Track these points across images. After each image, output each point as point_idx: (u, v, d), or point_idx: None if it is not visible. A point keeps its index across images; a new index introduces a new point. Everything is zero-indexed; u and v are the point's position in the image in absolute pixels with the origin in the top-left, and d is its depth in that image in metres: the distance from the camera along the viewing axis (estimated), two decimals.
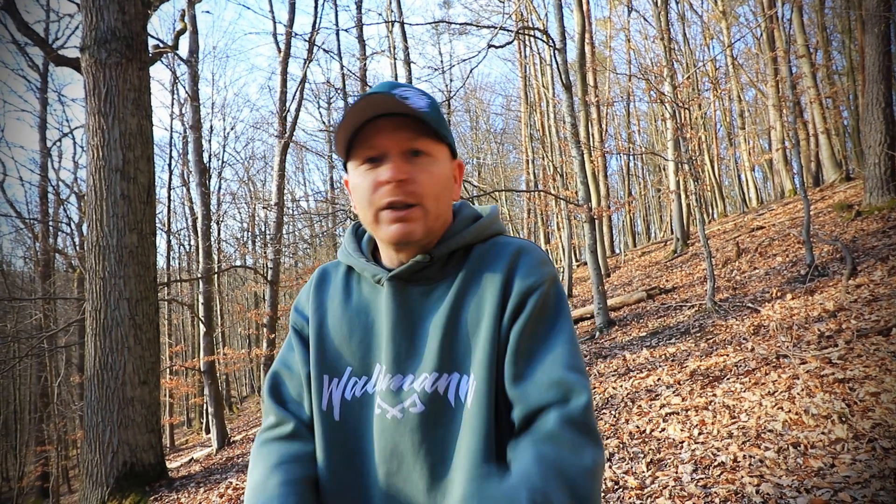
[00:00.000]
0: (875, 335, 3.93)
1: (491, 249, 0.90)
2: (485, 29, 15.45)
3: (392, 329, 0.86)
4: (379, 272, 0.90)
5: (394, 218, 0.84)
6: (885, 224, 7.07)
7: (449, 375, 0.83)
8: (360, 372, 0.89)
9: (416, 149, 0.85)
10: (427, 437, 0.82)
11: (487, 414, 0.79)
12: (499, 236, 0.94)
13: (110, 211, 5.37)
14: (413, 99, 0.85)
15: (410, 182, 0.83)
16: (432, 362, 0.83)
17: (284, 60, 10.03)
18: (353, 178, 0.88)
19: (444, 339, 0.84)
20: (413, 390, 0.83)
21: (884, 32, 7.79)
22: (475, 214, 0.96)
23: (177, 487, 5.56)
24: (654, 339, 6.36)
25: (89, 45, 5.46)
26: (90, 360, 5.32)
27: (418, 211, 0.84)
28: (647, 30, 19.40)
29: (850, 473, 2.52)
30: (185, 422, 23.12)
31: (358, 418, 0.87)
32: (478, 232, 0.91)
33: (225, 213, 22.18)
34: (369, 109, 0.81)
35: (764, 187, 24.60)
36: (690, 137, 10.06)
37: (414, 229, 0.84)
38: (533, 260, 0.87)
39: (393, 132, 0.84)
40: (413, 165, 0.84)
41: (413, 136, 0.84)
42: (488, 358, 0.81)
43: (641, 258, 15.94)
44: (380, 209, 0.85)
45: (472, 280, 0.87)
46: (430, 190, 0.85)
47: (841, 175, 13.19)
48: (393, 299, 0.88)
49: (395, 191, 0.83)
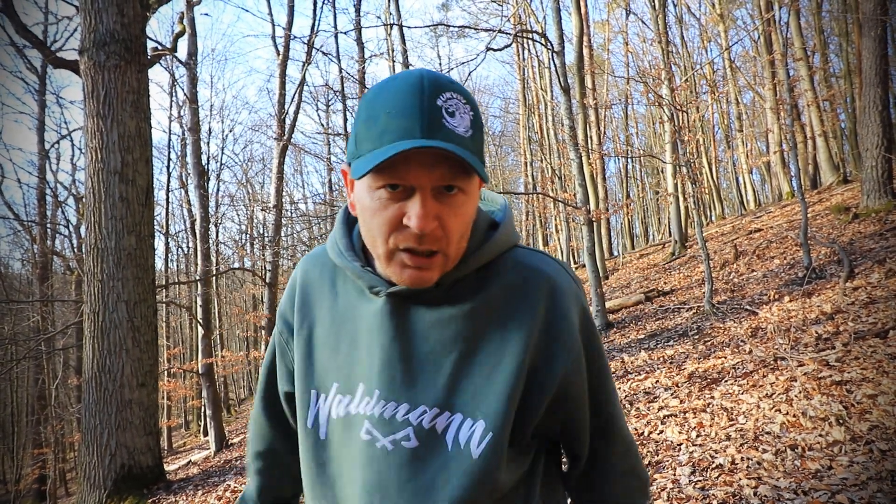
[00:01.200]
0: (872, 337, 3.94)
1: (515, 273, 0.79)
2: (483, 32, 15.48)
3: (387, 350, 0.77)
4: (378, 285, 0.79)
5: (412, 264, 0.72)
6: (882, 226, 7.09)
7: (451, 415, 0.75)
8: (344, 389, 0.81)
9: (450, 185, 0.70)
10: (416, 476, 0.74)
11: (497, 468, 0.74)
12: (515, 250, 0.82)
13: (108, 213, 5.36)
14: (459, 116, 0.70)
15: (438, 228, 0.70)
16: (434, 397, 0.75)
17: (283, 63, 10.04)
18: (365, 198, 0.73)
19: (452, 374, 0.75)
20: (408, 422, 0.75)
21: (881, 36, 7.82)
22: (489, 222, 0.84)
23: (175, 490, 5.55)
24: (652, 341, 6.37)
25: (88, 47, 5.47)
26: (88, 363, 5.31)
27: (439, 259, 0.73)
28: (645, 33, 19.44)
29: (848, 475, 2.52)
30: (184, 424, 23.07)
31: (342, 440, 0.80)
32: (494, 249, 0.80)
33: (223, 216, 22.20)
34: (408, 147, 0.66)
35: (762, 190, 24.68)
36: (688, 140, 10.08)
37: (431, 277, 0.74)
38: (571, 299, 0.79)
39: (430, 166, 0.68)
40: (443, 206, 0.70)
41: (451, 174, 0.70)
42: (507, 409, 0.74)
43: (639, 260, 15.96)
44: (396, 249, 0.72)
45: (493, 311, 0.77)
46: (457, 234, 0.73)
47: (838, 177, 13.23)
48: (391, 318, 0.78)
49: (421, 239, 0.70)
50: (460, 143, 0.69)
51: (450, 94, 0.70)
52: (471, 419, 0.74)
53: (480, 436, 0.73)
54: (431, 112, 0.68)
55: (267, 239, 12.05)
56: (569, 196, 9.94)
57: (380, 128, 0.69)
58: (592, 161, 14.10)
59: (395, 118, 0.68)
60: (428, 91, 0.69)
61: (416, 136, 0.67)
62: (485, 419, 0.74)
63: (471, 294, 0.78)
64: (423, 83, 0.69)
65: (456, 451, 0.74)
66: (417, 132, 0.67)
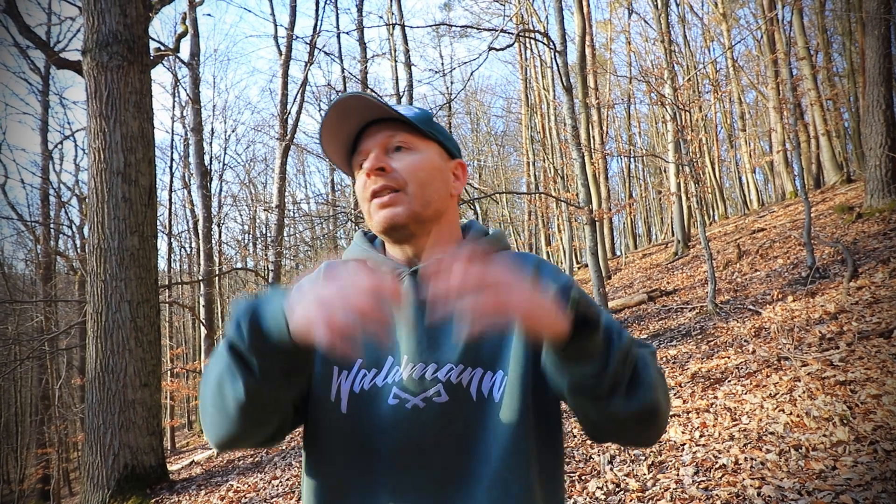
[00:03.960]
0: (876, 337, 3.93)
1: (510, 257, 0.94)
2: (485, 31, 15.47)
3: (412, 321, 0.87)
4: (400, 268, 0.90)
5: (379, 204, 0.87)
6: (886, 226, 7.06)
7: (473, 370, 0.84)
8: (369, 365, 0.88)
9: (396, 144, 0.88)
10: (449, 428, 0.82)
11: (523, 409, 0.82)
12: (507, 251, 0.98)
13: (111, 213, 5.38)
14: (403, 109, 0.90)
15: (389, 170, 0.87)
16: (456, 355, 0.84)
17: (285, 63, 10.05)
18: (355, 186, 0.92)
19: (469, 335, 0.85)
20: (437, 380, 0.83)
21: (884, 34, 7.79)
22: (484, 230, 0.99)
23: (178, 490, 5.56)
24: (655, 341, 6.36)
25: (91, 48, 5.48)
26: (91, 363, 5.32)
27: (401, 196, 0.86)
28: (648, 32, 19.42)
29: (852, 476, 2.51)
30: (186, 424, 23.10)
31: (366, 411, 0.86)
32: (488, 245, 0.95)
33: (226, 216, 22.21)
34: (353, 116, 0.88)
35: (765, 189, 24.61)
36: (691, 139, 10.06)
37: (397, 212, 0.86)
38: (555, 269, 0.93)
39: (376, 134, 0.89)
40: (392, 158, 0.88)
41: (393, 133, 0.88)
42: (524, 356, 0.83)
43: (642, 260, 15.94)
44: (368, 202, 0.88)
45: None
46: (412, 175, 0.87)
47: (842, 177, 13.19)
48: (413, 294, 0.88)
49: (376, 179, 0.86)
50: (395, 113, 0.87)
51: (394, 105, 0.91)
52: (490, 371, 0.84)
53: (500, 383, 0.83)
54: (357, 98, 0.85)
55: (269, 239, 12.08)
56: (571, 196, 9.94)
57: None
58: (595, 161, 14.09)
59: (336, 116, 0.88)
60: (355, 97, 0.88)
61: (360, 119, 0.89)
62: (502, 369, 0.84)
63: None
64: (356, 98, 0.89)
65: (480, 399, 0.83)
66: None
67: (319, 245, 22.52)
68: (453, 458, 0.82)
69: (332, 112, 0.86)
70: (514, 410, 0.82)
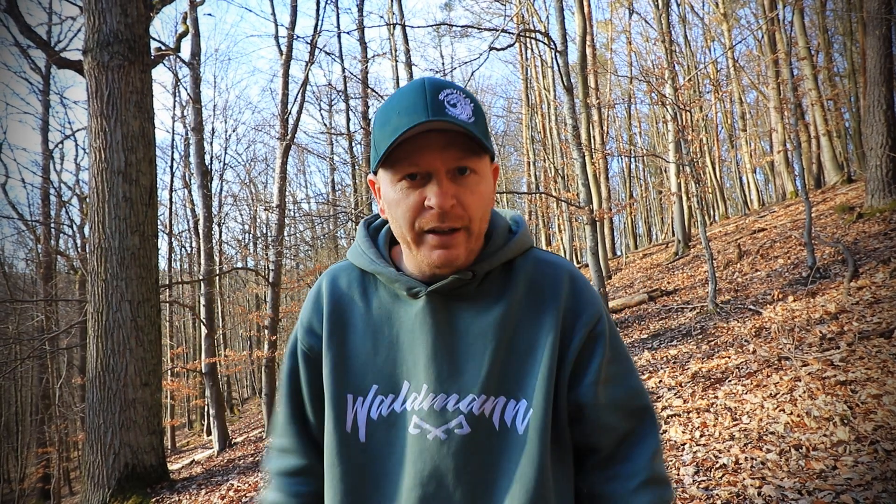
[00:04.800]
0: (877, 337, 3.93)
1: (538, 269, 0.87)
2: (486, 31, 15.48)
3: (433, 346, 0.82)
4: (416, 286, 0.84)
5: (438, 244, 0.79)
6: (886, 226, 7.06)
7: (496, 399, 0.81)
8: (386, 390, 0.84)
9: (463, 168, 0.79)
10: (472, 460, 0.80)
11: (545, 442, 0.79)
12: (533, 250, 0.91)
13: (112, 213, 5.38)
14: (460, 107, 0.78)
15: (457, 206, 0.78)
16: (480, 384, 0.80)
17: (286, 63, 10.05)
18: (389, 192, 0.81)
19: (493, 361, 0.81)
20: (459, 411, 0.80)
21: (885, 34, 7.78)
22: (507, 226, 0.92)
23: (178, 489, 5.56)
24: (655, 341, 6.36)
25: (92, 47, 5.48)
26: (92, 362, 5.33)
27: (462, 235, 0.79)
28: (649, 32, 19.43)
29: (852, 476, 2.51)
30: (187, 424, 23.12)
31: (385, 439, 0.83)
32: (517, 247, 0.88)
33: (226, 215, 22.21)
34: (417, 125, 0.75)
35: (765, 189, 24.61)
36: (692, 139, 10.06)
37: (458, 255, 0.80)
38: (586, 286, 0.88)
39: (441, 150, 0.77)
40: (460, 186, 0.78)
41: (461, 155, 0.78)
42: (548, 386, 0.80)
43: (643, 260, 15.93)
44: (423, 232, 0.79)
45: (524, 301, 0.85)
46: (477, 212, 0.80)
47: (842, 177, 13.17)
48: (432, 315, 0.83)
49: (443, 216, 0.77)
50: (466, 127, 0.76)
51: (449, 90, 0.79)
52: (514, 400, 0.81)
53: (524, 413, 0.80)
54: (435, 104, 0.76)
55: (270, 238, 12.08)
56: (572, 196, 9.93)
57: (391, 126, 0.77)
58: (595, 160, 14.08)
59: (403, 114, 0.76)
60: (429, 89, 0.78)
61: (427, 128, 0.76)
62: (526, 399, 0.81)
63: (500, 287, 0.86)
64: (425, 85, 0.79)
65: (503, 430, 0.81)
66: (423, 118, 0.75)
67: (320, 245, 22.52)
68: (479, 488, 0.80)
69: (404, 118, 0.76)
70: (538, 442, 0.79)
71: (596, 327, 0.85)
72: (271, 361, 9.43)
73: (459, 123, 0.75)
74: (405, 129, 0.74)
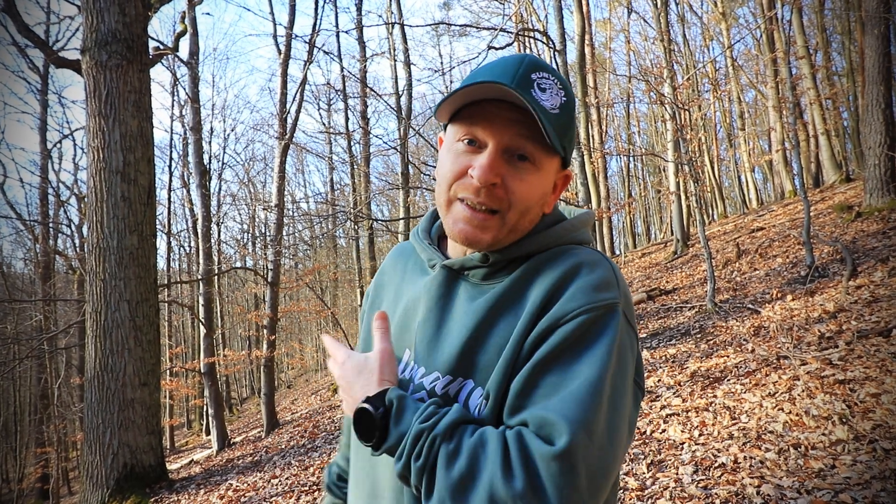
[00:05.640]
0: (875, 336, 3.93)
1: (549, 260, 0.78)
2: (485, 31, 15.48)
3: (423, 317, 0.82)
4: (434, 258, 0.86)
5: (466, 217, 0.76)
6: (885, 225, 7.07)
7: (463, 381, 0.76)
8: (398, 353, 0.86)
9: (522, 152, 0.75)
10: None
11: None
12: (578, 246, 0.81)
13: (111, 213, 5.37)
14: (549, 93, 0.74)
15: (500, 187, 0.74)
16: (448, 364, 0.77)
17: (284, 62, 10.04)
18: (446, 147, 0.80)
19: (467, 344, 0.76)
20: (422, 386, 0.78)
21: (883, 34, 7.79)
22: (556, 219, 0.85)
23: (177, 489, 5.56)
24: (654, 340, 6.36)
25: (90, 47, 5.47)
26: (90, 362, 5.32)
27: (496, 220, 0.76)
28: (647, 31, 19.41)
29: (851, 474, 2.51)
30: (186, 423, 23.10)
31: None
32: (548, 240, 0.81)
33: (225, 215, 22.22)
34: (494, 92, 0.72)
35: (764, 188, 24.62)
36: (690, 139, 10.07)
37: (482, 238, 0.76)
38: (589, 281, 0.73)
39: (506, 125, 0.74)
40: (511, 168, 0.75)
41: (526, 137, 0.74)
42: (503, 379, 0.73)
43: (642, 259, 15.93)
44: (456, 198, 0.77)
45: (516, 290, 0.78)
46: (520, 202, 0.75)
47: (841, 176, 13.19)
48: (437, 288, 0.83)
49: (480, 191, 0.74)
50: (543, 113, 0.72)
51: (546, 74, 0.76)
52: (480, 388, 0.75)
53: (483, 402, 0.74)
54: (524, 79, 0.73)
55: (269, 238, 12.08)
56: (571, 195, 9.92)
57: (475, 77, 0.74)
58: (594, 160, 14.09)
59: (489, 75, 0.73)
60: (527, 64, 0.75)
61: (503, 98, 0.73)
62: (489, 388, 0.74)
63: (509, 274, 0.80)
64: (525, 59, 0.76)
65: None
66: (504, 84, 0.71)
67: (318, 244, 22.52)
68: None
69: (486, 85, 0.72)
70: None
71: (563, 324, 0.70)
72: (270, 361, 9.43)
73: (535, 106, 0.71)
74: (478, 82, 0.71)
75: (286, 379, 26.06)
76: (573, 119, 0.79)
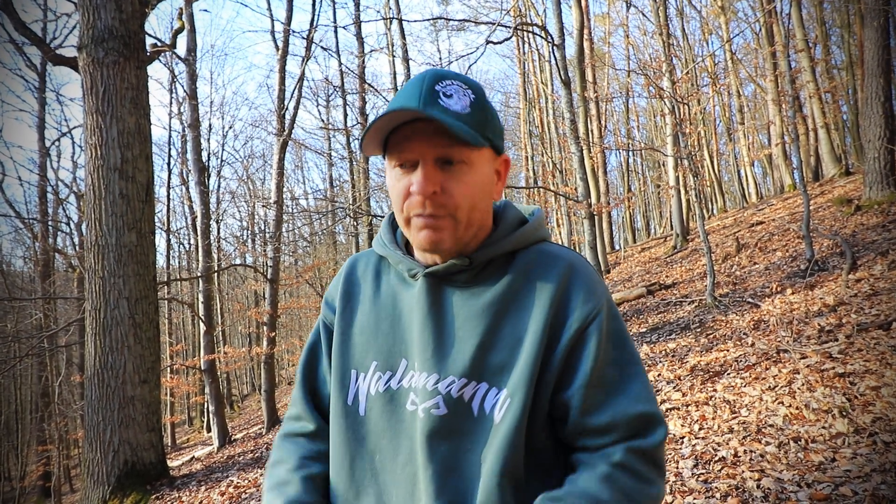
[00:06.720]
0: (875, 329, 3.93)
1: (538, 260, 0.86)
2: (483, 25, 15.44)
3: (421, 326, 0.84)
4: (415, 267, 0.87)
5: (423, 225, 0.81)
6: (884, 218, 7.06)
7: (477, 384, 0.81)
8: (384, 367, 0.87)
9: (449, 158, 0.80)
10: (444, 441, 0.80)
11: (517, 434, 0.78)
12: (543, 243, 0.90)
13: (109, 210, 5.36)
14: (456, 98, 0.80)
15: (441, 194, 0.80)
16: (462, 368, 0.81)
17: (282, 58, 10.00)
18: (388, 178, 0.85)
19: (479, 347, 0.81)
20: (437, 391, 0.81)
21: (883, 26, 7.77)
22: (520, 218, 0.92)
23: (178, 486, 5.57)
24: (654, 334, 6.36)
25: (87, 43, 5.45)
26: (90, 360, 5.32)
27: (448, 221, 0.81)
28: (646, 25, 19.38)
29: (851, 467, 2.52)
30: (186, 420, 23.14)
31: (382, 414, 0.85)
32: (522, 238, 0.88)
33: (224, 212, 22.18)
34: (404, 115, 0.77)
35: (763, 182, 24.61)
36: (689, 133, 10.05)
37: (443, 238, 0.81)
38: (587, 280, 0.85)
39: (428, 139, 0.79)
40: (446, 174, 0.80)
41: (448, 144, 0.79)
42: (529, 378, 0.79)
43: (641, 254, 15.94)
44: (410, 216, 0.82)
45: (517, 291, 0.84)
46: (464, 201, 0.81)
47: (840, 169, 13.17)
48: (427, 296, 0.85)
49: (425, 202, 0.80)
50: (456, 118, 0.78)
51: (449, 81, 0.81)
52: (496, 388, 0.80)
53: (502, 403, 0.79)
54: (429, 94, 0.78)
55: (268, 235, 12.06)
56: (570, 190, 9.91)
57: (388, 108, 0.79)
58: (593, 155, 14.07)
59: (398, 102, 0.79)
60: (428, 80, 0.81)
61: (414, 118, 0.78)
62: (506, 389, 0.80)
63: (498, 275, 0.86)
64: (426, 75, 0.82)
65: (481, 417, 0.81)
66: (413, 107, 0.77)
67: (318, 241, 22.51)
68: (444, 473, 0.79)
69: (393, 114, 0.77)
70: (510, 434, 0.78)
71: (590, 325, 0.81)
72: (270, 358, 9.43)
73: (445, 115, 0.77)
74: (389, 112, 0.76)
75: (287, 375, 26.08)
76: (487, 109, 0.84)
